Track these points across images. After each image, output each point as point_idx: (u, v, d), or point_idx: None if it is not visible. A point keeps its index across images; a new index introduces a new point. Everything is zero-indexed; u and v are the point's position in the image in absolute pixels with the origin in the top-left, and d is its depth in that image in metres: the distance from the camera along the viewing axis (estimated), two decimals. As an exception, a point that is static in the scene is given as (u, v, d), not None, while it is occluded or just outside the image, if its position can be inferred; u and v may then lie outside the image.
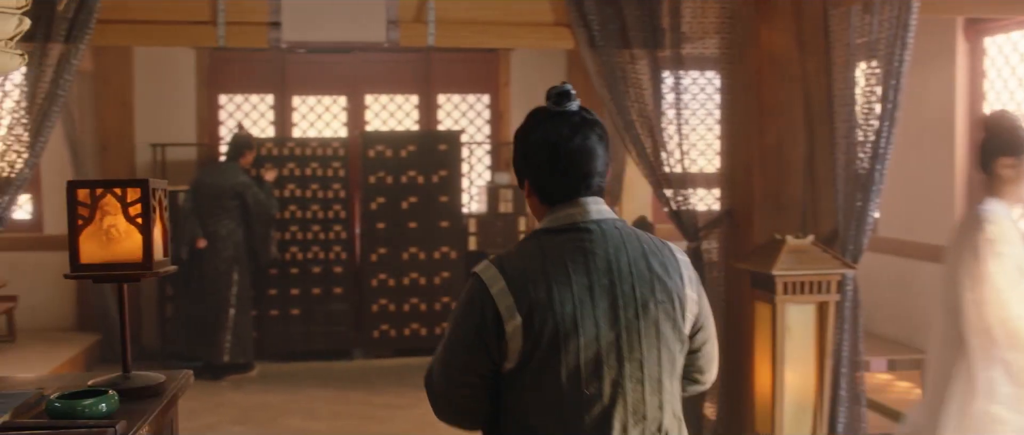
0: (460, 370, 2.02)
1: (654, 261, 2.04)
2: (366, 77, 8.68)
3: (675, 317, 2.03)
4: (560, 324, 1.93)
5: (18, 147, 4.70)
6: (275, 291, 7.94)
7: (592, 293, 1.97)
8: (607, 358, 1.96)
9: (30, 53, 4.63)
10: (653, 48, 5.00)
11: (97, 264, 2.39)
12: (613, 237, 2.03)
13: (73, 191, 2.35)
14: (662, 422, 2.03)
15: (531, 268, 1.97)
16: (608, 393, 1.96)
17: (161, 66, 8.29)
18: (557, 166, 2.05)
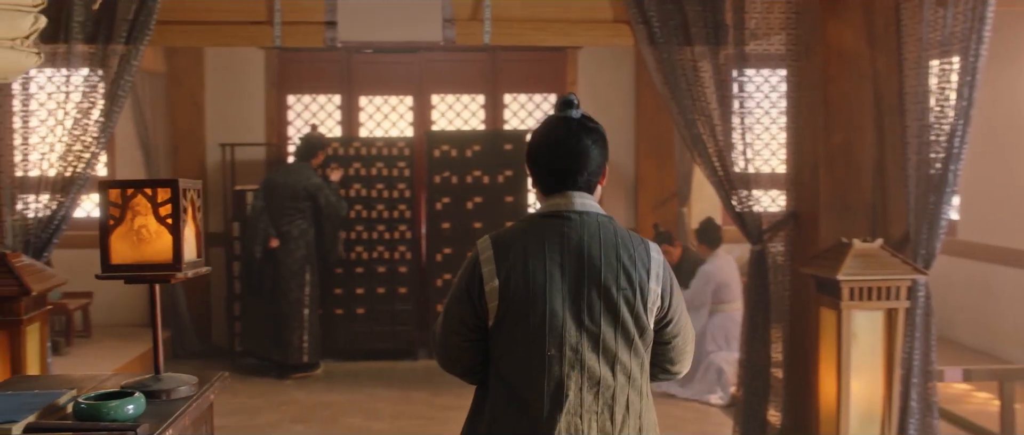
0: (453, 322, 2.40)
1: (623, 253, 2.33)
2: (432, 77, 8.67)
3: (635, 304, 2.30)
4: (529, 291, 2.28)
5: (80, 147, 4.75)
6: (340, 290, 7.97)
7: (562, 270, 2.30)
8: (567, 327, 2.28)
9: (92, 54, 4.70)
10: (715, 45, 4.85)
11: (128, 264, 2.36)
12: (590, 226, 2.34)
13: (104, 191, 2.34)
14: (615, 391, 2.30)
15: (515, 243, 2.33)
16: (568, 357, 2.28)
17: (231, 67, 8.40)
18: (553, 162, 2.40)
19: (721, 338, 6.86)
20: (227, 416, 6.47)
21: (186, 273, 2.40)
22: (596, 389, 2.28)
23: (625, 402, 2.30)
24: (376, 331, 8.03)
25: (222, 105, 8.44)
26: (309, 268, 7.48)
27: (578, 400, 2.27)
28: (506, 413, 2.33)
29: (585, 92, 8.54)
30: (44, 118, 4.69)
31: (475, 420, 2.44)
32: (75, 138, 4.80)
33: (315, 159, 7.59)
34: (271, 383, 7.43)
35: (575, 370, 2.28)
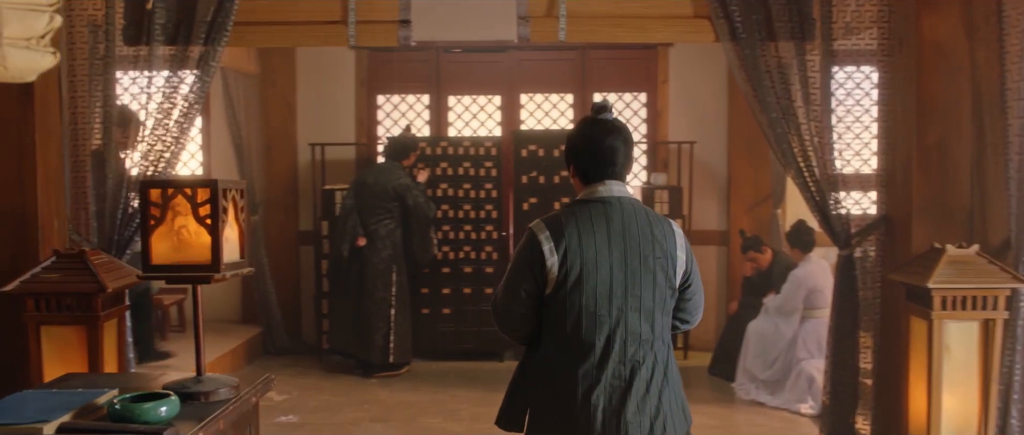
0: (515, 292, 2.87)
1: (656, 230, 2.86)
2: (521, 76, 8.60)
3: (667, 270, 2.84)
4: (585, 263, 2.79)
5: (161, 147, 4.82)
6: (427, 290, 7.96)
7: (609, 246, 2.80)
8: (615, 292, 2.80)
9: (173, 56, 4.77)
10: (801, 40, 4.65)
11: (168, 265, 2.35)
12: (627, 209, 2.87)
13: (145, 191, 2.32)
14: (653, 343, 2.85)
15: (568, 224, 2.83)
16: (615, 317, 2.80)
17: (322, 67, 8.49)
18: (592, 157, 2.90)
19: (813, 345, 6.59)
20: (310, 413, 6.53)
21: (225, 275, 2.37)
22: (637, 342, 2.83)
23: (655, 353, 2.86)
24: (462, 331, 8.00)
25: (313, 105, 8.54)
26: (396, 268, 7.49)
27: (622, 350, 2.82)
28: (563, 362, 2.83)
29: (676, 90, 8.35)
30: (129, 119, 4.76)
31: (527, 367, 2.95)
32: (157, 138, 4.86)
33: (407, 160, 7.60)
34: (356, 381, 7.47)
35: (620, 326, 2.81)
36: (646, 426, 2.83)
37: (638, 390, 2.82)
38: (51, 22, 2.00)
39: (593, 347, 2.80)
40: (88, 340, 4.09)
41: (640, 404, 2.82)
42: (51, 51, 2.03)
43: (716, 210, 8.42)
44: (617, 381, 2.81)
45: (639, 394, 2.83)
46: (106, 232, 4.84)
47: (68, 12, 4.75)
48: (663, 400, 2.86)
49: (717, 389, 7.16)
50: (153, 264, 2.38)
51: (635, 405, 2.81)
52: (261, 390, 2.64)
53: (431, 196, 7.85)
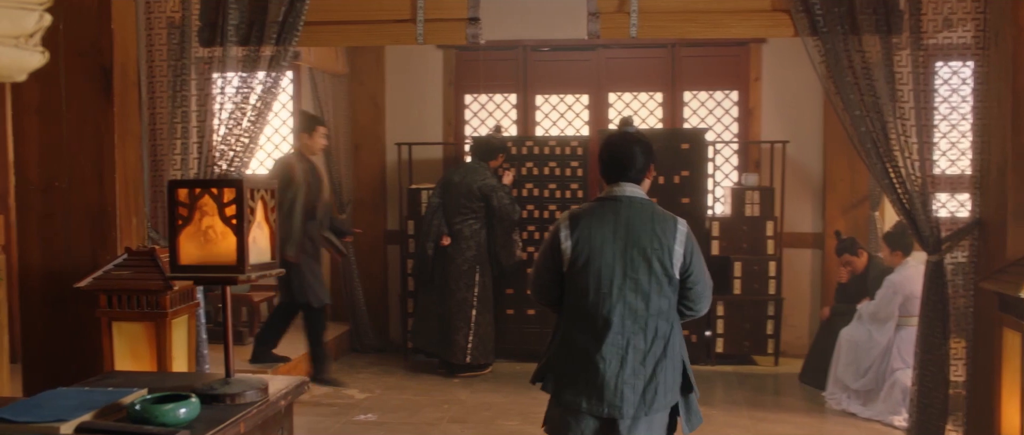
0: (542, 267, 3.61)
1: (657, 226, 3.43)
2: (609, 74, 8.46)
3: (663, 259, 3.40)
4: (592, 249, 3.44)
5: (237, 147, 4.87)
6: (512, 290, 7.90)
7: (614, 236, 3.43)
8: (615, 274, 3.41)
9: (245, 56, 4.82)
10: (887, 33, 4.40)
11: (195, 265, 2.33)
12: (635, 206, 3.48)
13: (173, 191, 2.31)
14: (648, 319, 3.42)
15: (583, 217, 3.50)
16: (615, 295, 3.40)
17: (410, 67, 8.52)
18: (611, 163, 3.57)
19: (908, 355, 6.24)
20: (389, 412, 6.54)
21: (250, 276, 2.34)
22: (634, 317, 3.40)
23: (655, 327, 3.42)
24: (546, 333, 7.85)
25: (401, 105, 8.57)
26: (479, 269, 7.45)
27: (621, 323, 3.40)
28: (575, 329, 3.46)
29: (769, 88, 8.09)
30: (202, 119, 4.82)
31: (555, 334, 3.60)
32: (235, 138, 4.91)
33: (494, 160, 7.54)
34: (438, 381, 7.46)
35: (620, 303, 3.40)
36: (639, 388, 3.40)
37: (635, 358, 3.40)
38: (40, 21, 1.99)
39: (598, 319, 3.41)
40: (157, 336, 4.15)
41: (635, 369, 3.40)
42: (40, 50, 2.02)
43: (810, 212, 8.12)
44: (617, 349, 3.39)
45: (635, 361, 3.40)
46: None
47: (147, 13, 4.85)
48: (657, 369, 3.42)
49: (808, 398, 6.90)
50: (181, 264, 2.37)
51: (631, 370, 3.39)
52: (294, 393, 2.61)
53: (516, 196, 7.79)
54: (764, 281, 7.74)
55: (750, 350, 7.86)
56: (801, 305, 8.16)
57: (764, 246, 7.74)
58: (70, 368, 4.48)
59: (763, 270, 7.74)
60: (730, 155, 8.42)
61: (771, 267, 7.72)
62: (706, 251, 7.76)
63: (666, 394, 3.42)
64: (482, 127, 8.56)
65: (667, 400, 3.43)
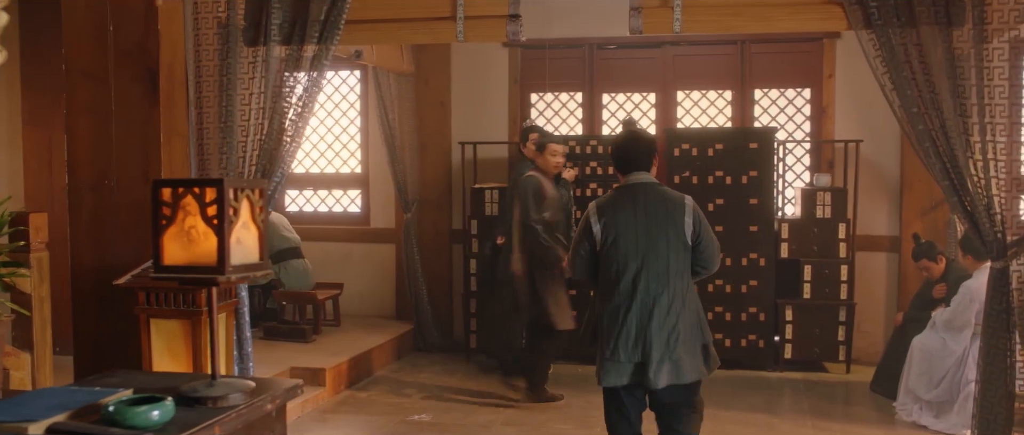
0: (578, 249, 4.40)
1: (669, 204, 4.28)
2: (677, 72, 8.27)
3: (678, 229, 4.24)
4: (618, 230, 4.27)
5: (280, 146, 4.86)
6: (574, 291, 7.76)
7: (635, 217, 4.26)
8: (639, 247, 4.23)
9: (288, 56, 4.81)
10: (947, 25, 4.15)
11: (179, 266, 2.30)
12: (648, 191, 4.32)
13: (157, 190, 2.28)
14: (669, 280, 4.21)
15: (608, 204, 4.36)
16: (639, 263, 4.21)
17: (476, 65, 8.47)
18: (623, 157, 4.41)
19: (983, 365, 5.94)
20: (443, 413, 6.51)
21: (230, 277, 2.29)
22: (657, 279, 4.20)
23: (674, 286, 4.22)
24: (608, 335, 7.75)
25: (467, 103, 8.53)
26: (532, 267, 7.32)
27: (646, 286, 4.21)
28: (611, 295, 4.27)
29: (843, 85, 7.80)
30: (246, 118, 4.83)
31: (594, 302, 4.45)
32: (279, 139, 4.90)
33: (524, 147, 7.29)
34: (497, 382, 7.38)
35: (645, 269, 4.22)
36: (664, 337, 4.18)
37: (660, 312, 4.19)
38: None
39: (629, 284, 4.23)
40: (193, 333, 4.17)
41: (661, 322, 4.18)
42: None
43: (886, 214, 7.80)
44: (644, 307, 4.20)
45: (660, 315, 4.19)
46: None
47: (195, 14, 4.89)
48: (679, 320, 4.20)
49: (877, 408, 6.62)
50: (164, 265, 2.34)
51: (657, 322, 4.18)
52: (284, 397, 2.55)
53: (579, 196, 7.67)
54: (835, 285, 7.45)
55: (820, 356, 7.58)
56: (875, 311, 7.84)
57: (836, 249, 7.46)
58: (117, 362, 4.55)
59: (834, 274, 7.45)
60: (802, 155, 8.15)
61: (843, 271, 7.44)
62: (775, 253, 7.53)
63: (685, 341, 4.20)
64: (548, 125, 8.46)
65: (687, 346, 4.20)
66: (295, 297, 8.09)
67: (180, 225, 2.33)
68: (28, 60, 7.79)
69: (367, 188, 8.96)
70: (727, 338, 7.59)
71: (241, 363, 4.98)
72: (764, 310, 7.54)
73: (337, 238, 8.92)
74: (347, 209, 9.12)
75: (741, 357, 7.59)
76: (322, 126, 9.13)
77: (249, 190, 2.41)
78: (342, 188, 9.13)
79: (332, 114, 9.11)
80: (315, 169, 9.19)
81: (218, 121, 4.95)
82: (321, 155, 9.16)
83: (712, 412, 6.44)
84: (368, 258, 8.85)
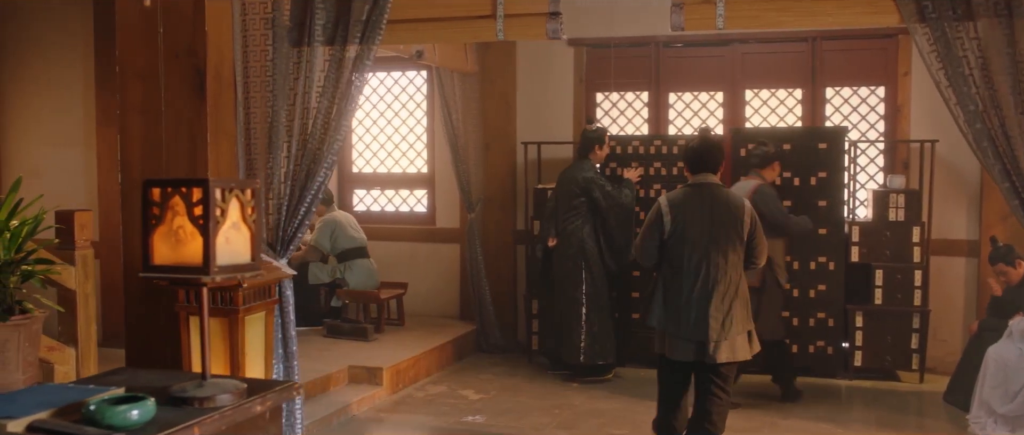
0: (647, 238, 4.99)
1: (731, 204, 4.91)
2: (745, 70, 8.07)
3: (737, 228, 4.87)
4: (686, 222, 4.87)
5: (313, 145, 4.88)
6: (638, 294, 7.65)
7: (700, 213, 4.87)
8: (702, 239, 4.83)
9: (331, 56, 4.82)
10: (1009, 17, 3.92)
11: (167, 266, 2.29)
12: (714, 190, 4.94)
13: (148, 190, 2.28)
14: (727, 270, 4.83)
15: (677, 200, 4.95)
16: (701, 253, 4.83)
17: (541, 65, 8.41)
18: (695, 159, 5.02)
19: (1065, 378, 5.63)
20: (498, 415, 6.46)
21: (214, 278, 2.28)
22: (717, 269, 4.81)
23: (729, 276, 4.83)
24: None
25: (532, 103, 8.48)
26: (584, 266, 7.23)
27: (706, 274, 4.82)
28: (675, 280, 4.90)
29: (919, 83, 7.49)
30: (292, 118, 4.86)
31: (656, 286, 5.04)
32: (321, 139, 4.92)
33: (592, 154, 7.30)
34: (557, 385, 7.32)
35: (706, 258, 4.83)
36: (719, 319, 4.80)
37: (717, 298, 4.80)
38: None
39: (692, 271, 4.84)
40: (230, 332, 4.20)
41: (717, 306, 4.80)
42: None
43: (965, 217, 7.47)
44: (704, 292, 4.80)
45: (717, 301, 4.80)
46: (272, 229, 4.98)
47: (243, 15, 4.94)
48: (733, 306, 4.83)
49: (950, 419, 6.36)
50: (153, 264, 2.34)
51: (714, 307, 4.79)
52: (276, 399, 2.53)
53: (644, 196, 7.55)
54: (909, 291, 7.16)
55: (892, 365, 7.30)
56: (953, 318, 7.51)
57: (909, 253, 7.17)
58: (164, 358, 4.62)
59: (908, 279, 7.16)
60: (875, 155, 7.86)
61: (917, 276, 7.14)
62: (844, 257, 7.28)
63: (739, 323, 4.84)
64: (613, 125, 8.35)
65: (739, 328, 4.84)
66: (358, 296, 8.15)
67: (169, 225, 2.32)
68: (101, 61, 8.03)
69: (433, 188, 8.98)
70: (794, 343, 7.36)
71: (286, 362, 5.02)
72: (833, 316, 7.29)
73: (404, 238, 8.96)
74: (413, 209, 9.15)
75: (809, 363, 7.35)
76: (389, 126, 9.19)
77: (239, 190, 2.39)
78: (409, 188, 9.17)
79: (399, 114, 9.15)
80: (383, 169, 9.25)
81: (265, 121, 5.00)
82: (388, 155, 9.22)
83: (773, 420, 6.29)
84: (433, 258, 8.87)
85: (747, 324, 4.92)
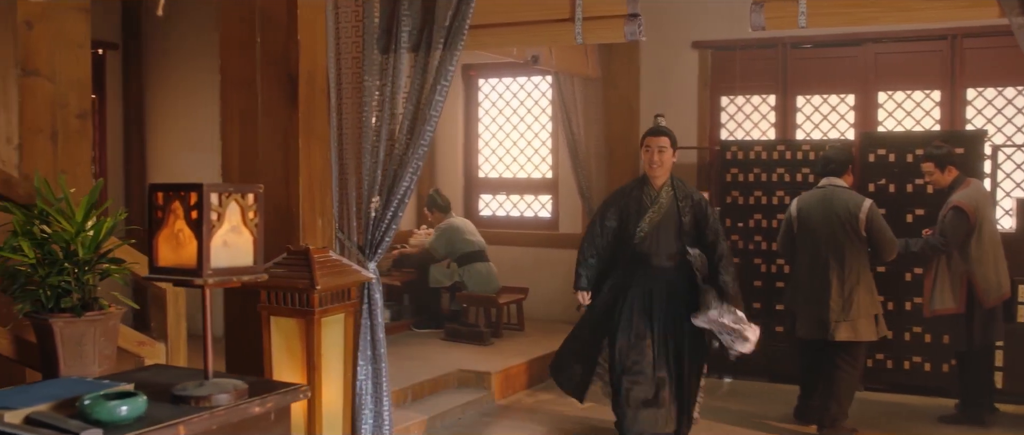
0: (784, 233, 6.15)
1: (850, 203, 5.82)
2: (879, 71, 7.65)
3: (854, 224, 5.78)
4: (812, 219, 5.91)
5: (399, 150, 4.93)
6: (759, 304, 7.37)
7: (824, 210, 5.86)
8: (827, 236, 5.83)
9: (416, 62, 4.86)
10: None
11: (168, 268, 2.37)
12: (836, 192, 5.89)
13: (153, 194, 2.37)
14: (846, 259, 5.77)
15: (805, 199, 6.04)
16: (826, 245, 5.83)
17: (665, 69, 8.24)
18: (825, 164, 6.07)
19: None
20: (599, 425, 6.36)
21: (206, 281, 2.33)
22: (839, 262, 5.76)
23: (850, 264, 5.76)
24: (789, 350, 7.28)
25: (656, 108, 8.28)
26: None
27: (830, 263, 5.75)
28: (804, 269, 5.94)
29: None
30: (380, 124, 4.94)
31: (791, 276, 6.21)
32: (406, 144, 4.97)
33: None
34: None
35: (830, 253, 5.78)
36: (840, 303, 5.71)
37: (839, 284, 5.72)
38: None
39: (818, 262, 5.79)
40: (306, 333, 4.31)
41: (839, 290, 5.71)
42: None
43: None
44: (827, 273, 5.73)
45: (839, 285, 5.72)
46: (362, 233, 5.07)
47: (336, 23, 5.05)
48: (854, 291, 5.72)
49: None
50: (157, 266, 2.42)
51: (835, 291, 5.71)
52: (278, 400, 2.55)
53: (765, 204, 7.29)
54: (1056, 308, 6.60)
55: (1037, 387, 6.74)
56: None
57: (1061, 266, 6.62)
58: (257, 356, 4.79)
59: (1055, 295, 6.60)
60: (1022, 161, 7.28)
61: (1065, 292, 6.57)
62: (984, 270, 6.78)
63: (860, 307, 5.70)
64: (738, 130, 8.09)
65: (861, 311, 5.70)
66: (477, 300, 8.20)
67: (171, 228, 2.40)
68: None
69: (557, 193, 8.95)
70: (927, 362, 6.92)
71: (375, 363, 5.08)
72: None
73: (528, 243, 8.97)
74: (538, 214, 9.15)
75: (944, 384, 6.88)
76: (515, 132, 9.22)
77: (239, 195, 2.44)
78: (533, 193, 9.17)
79: (524, 119, 9.18)
80: (508, 174, 9.29)
81: (355, 127, 5.10)
82: (514, 160, 9.25)
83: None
84: (556, 263, 8.82)
85: (872, 309, 5.79)
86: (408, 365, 7.09)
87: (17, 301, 3.65)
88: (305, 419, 4.37)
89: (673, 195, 5.64)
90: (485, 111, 9.42)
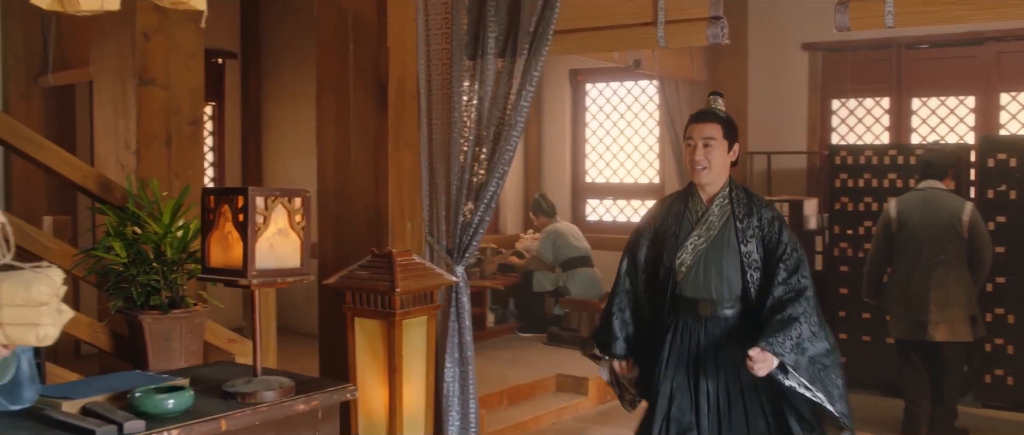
0: (880, 233, 6.08)
1: (951, 205, 5.84)
2: (1002, 72, 7.28)
3: (954, 224, 5.77)
4: (911, 220, 5.90)
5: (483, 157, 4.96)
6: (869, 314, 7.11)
7: (924, 212, 5.86)
8: (928, 238, 5.81)
9: (500, 69, 4.90)
10: None
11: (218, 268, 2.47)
12: (937, 195, 5.88)
13: (206, 197, 2.47)
14: (944, 261, 5.75)
15: (904, 200, 6.03)
16: (924, 243, 5.82)
17: (774, 71, 8.05)
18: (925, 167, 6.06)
19: None
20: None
21: (251, 281, 2.41)
22: (937, 255, 5.76)
23: (948, 265, 5.75)
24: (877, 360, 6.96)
25: (765, 111, 8.13)
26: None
27: (928, 258, 5.78)
28: (903, 269, 5.90)
29: None
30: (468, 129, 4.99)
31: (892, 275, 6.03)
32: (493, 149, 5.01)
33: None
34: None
35: (927, 247, 5.78)
36: (940, 303, 5.69)
37: (937, 279, 5.73)
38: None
39: (917, 262, 5.81)
40: (387, 335, 4.40)
41: (939, 285, 5.71)
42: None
43: None
44: (927, 273, 5.75)
45: (938, 280, 5.74)
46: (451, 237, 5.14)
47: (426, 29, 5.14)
48: (951, 286, 5.71)
49: None
50: (208, 266, 2.52)
51: (934, 284, 5.72)
52: (324, 399, 2.61)
53: (874, 211, 7.03)
54: None
55: None
56: None
57: None
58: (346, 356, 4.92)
59: None
60: None
61: None
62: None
63: (955, 306, 5.69)
64: (850, 134, 7.83)
65: (957, 311, 5.69)
66: (579, 305, 8.20)
67: (221, 230, 2.50)
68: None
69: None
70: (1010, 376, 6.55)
71: (462, 365, 5.13)
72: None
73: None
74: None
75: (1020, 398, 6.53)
76: (622, 137, 9.17)
77: (285, 198, 2.52)
78: (640, 198, 9.10)
79: (631, 124, 9.12)
80: (615, 179, 9.25)
81: (444, 132, 5.17)
82: (620, 165, 9.20)
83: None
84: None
85: (969, 309, 5.74)
86: (507, 368, 7.15)
87: (110, 298, 3.87)
88: (386, 419, 4.47)
89: (731, 211, 3.78)
90: (592, 116, 9.39)
